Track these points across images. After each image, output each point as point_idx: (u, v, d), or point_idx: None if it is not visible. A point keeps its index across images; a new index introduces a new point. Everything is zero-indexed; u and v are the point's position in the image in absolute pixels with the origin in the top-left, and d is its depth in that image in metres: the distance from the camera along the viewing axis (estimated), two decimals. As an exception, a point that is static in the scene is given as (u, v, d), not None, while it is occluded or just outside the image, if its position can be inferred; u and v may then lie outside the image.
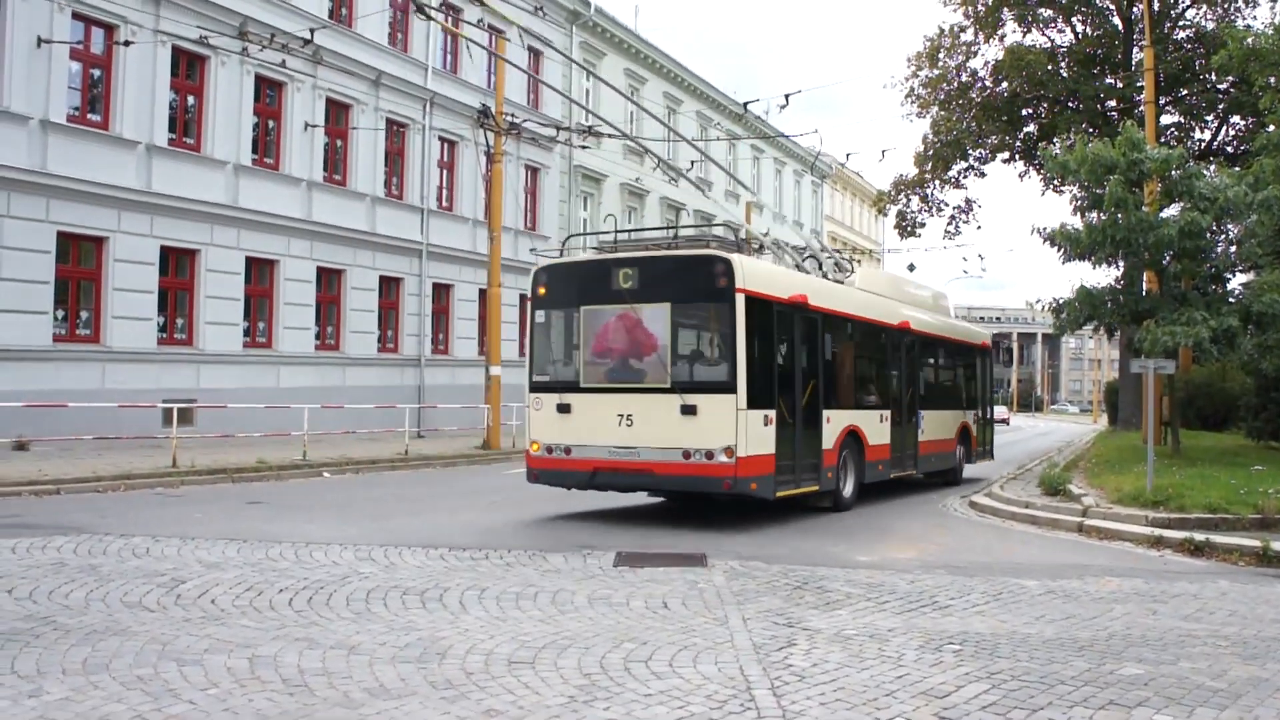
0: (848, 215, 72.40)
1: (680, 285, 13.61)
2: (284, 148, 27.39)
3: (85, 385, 21.75)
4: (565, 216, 38.74)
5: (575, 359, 14.22)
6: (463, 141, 33.05)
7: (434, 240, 32.02)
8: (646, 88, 43.87)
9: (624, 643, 6.96)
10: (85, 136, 22.52)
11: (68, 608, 7.59)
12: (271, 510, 14.27)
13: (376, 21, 29.65)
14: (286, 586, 8.51)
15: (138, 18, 23.11)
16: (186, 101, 25.22)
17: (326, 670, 6.15)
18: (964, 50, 37.75)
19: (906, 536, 13.20)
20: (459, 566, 9.70)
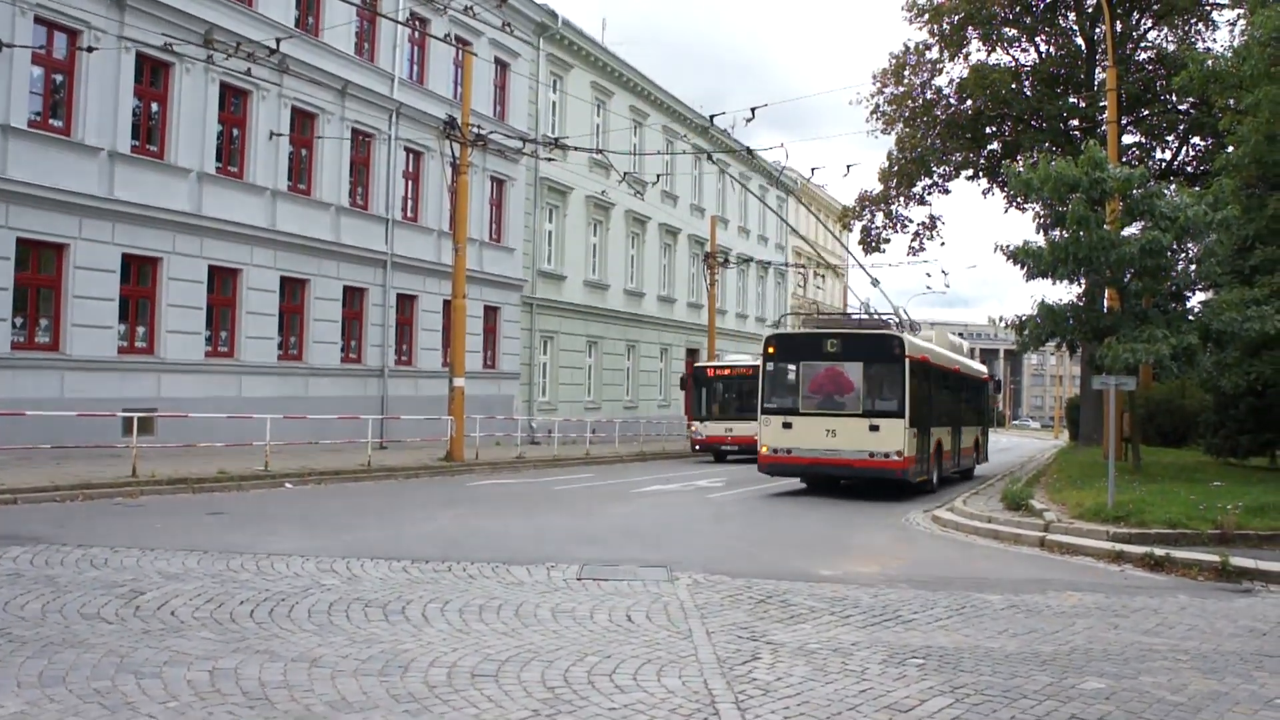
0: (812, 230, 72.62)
1: (870, 351, 21.52)
2: (248, 156, 27.21)
3: (44, 394, 21.52)
4: (530, 229, 38.68)
5: (796, 394, 21.94)
6: (428, 152, 32.96)
7: (399, 251, 31.91)
8: (613, 101, 43.93)
9: (588, 656, 6.97)
10: (46, 142, 22.28)
11: (23, 619, 7.52)
12: (233, 521, 14.16)
13: (343, 31, 29.53)
14: (248, 598, 8.46)
15: (101, 23, 22.93)
16: (150, 108, 25.02)
17: (288, 683, 6.12)
18: (929, 68, 38.04)
19: (869, 551, 13.26)
20: (422, 579, 9.67)
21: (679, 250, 50.60)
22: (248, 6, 26.79)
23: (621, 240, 45.29)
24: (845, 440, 20.88)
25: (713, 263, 44.24)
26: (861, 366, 21.36)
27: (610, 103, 43.73)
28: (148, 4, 23.85)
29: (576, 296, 41.46)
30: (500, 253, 36.85)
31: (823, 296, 73.68)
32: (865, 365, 21.37)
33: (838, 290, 75.09)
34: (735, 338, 56.03)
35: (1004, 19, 36.59)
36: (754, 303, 60.26)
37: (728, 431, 33.11)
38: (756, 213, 60.04)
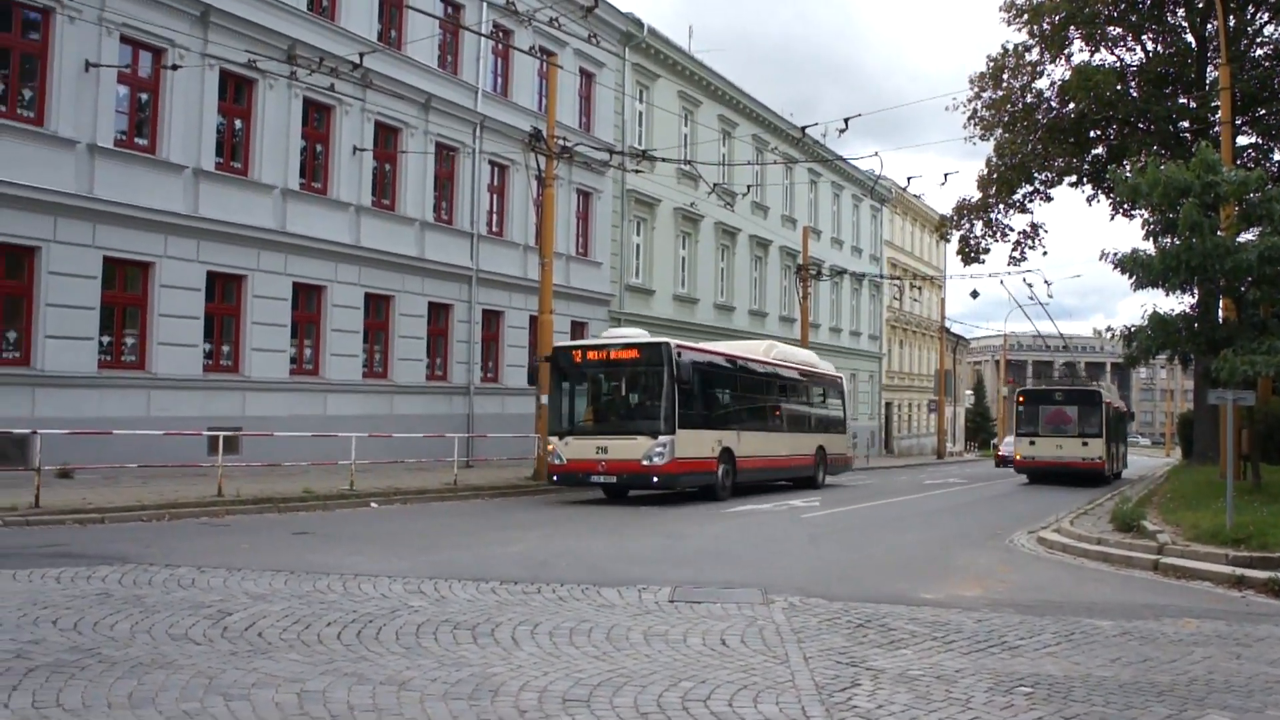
0: (908, 241, 71.85)
1: (1087, 401, 35.25)
2: (332, 172, 27.19)
3: (130, 412, 21.54)
4: (618, 242, 38.44)
5: (1036, 424, 35.40)
6: (513, 165, 32.82)
7: (484, 266, 31.74)
8: (701, 110, 43.57)
9: (682, 681, 6.79)
10: (132, 161, 22.36)
11: (113, 639, 7.45)
12: (318, 541, 14.01)
13: (426, 45, 29.46)
14: (335, 619, 8.32)
15: (186, 41, 22.99)
16: (234, 125, 25.06)
17: (376, 707, 6.01)
18: (1029, 70, 37.07)
19: (972, 573, 12.78)
20: (511, 600, 9.48)
21: (770, 262, 50.15)
22: (330, 22, 26.84)
23: (711, 253, 44.94)
24: (1067, 451, 34.31)
25: (805, 275, 43.69)
26: (1077, 409, 35.08)
27: (698, 112, 43.38)
28: (231, 21, 23.96)
29: (665, 310, 41.06)
30: (587, 267, 36.59)
31: (919, 309, 72.79)
32: (1079, 409, 35.06)
33: (934, 302, 74.10)
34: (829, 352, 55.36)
35: (1108, 17, 35.44)
36: (848, 316, 59.62)
37: (601, 453, 21.60)
38: (850, 223, 59.53)
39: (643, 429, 21.47)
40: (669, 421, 21.20)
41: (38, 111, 20.93)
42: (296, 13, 25.83)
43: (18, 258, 20.70)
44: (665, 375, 21.35)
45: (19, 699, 5.92)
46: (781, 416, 28.11)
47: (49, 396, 20.55)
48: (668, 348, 21.49)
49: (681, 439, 21.39)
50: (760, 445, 25.62)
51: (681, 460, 21.41)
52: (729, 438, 23.84)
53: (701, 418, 22.83)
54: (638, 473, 21.27)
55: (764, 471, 26.28)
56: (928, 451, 68.57)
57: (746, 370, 26.41)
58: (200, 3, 23.26)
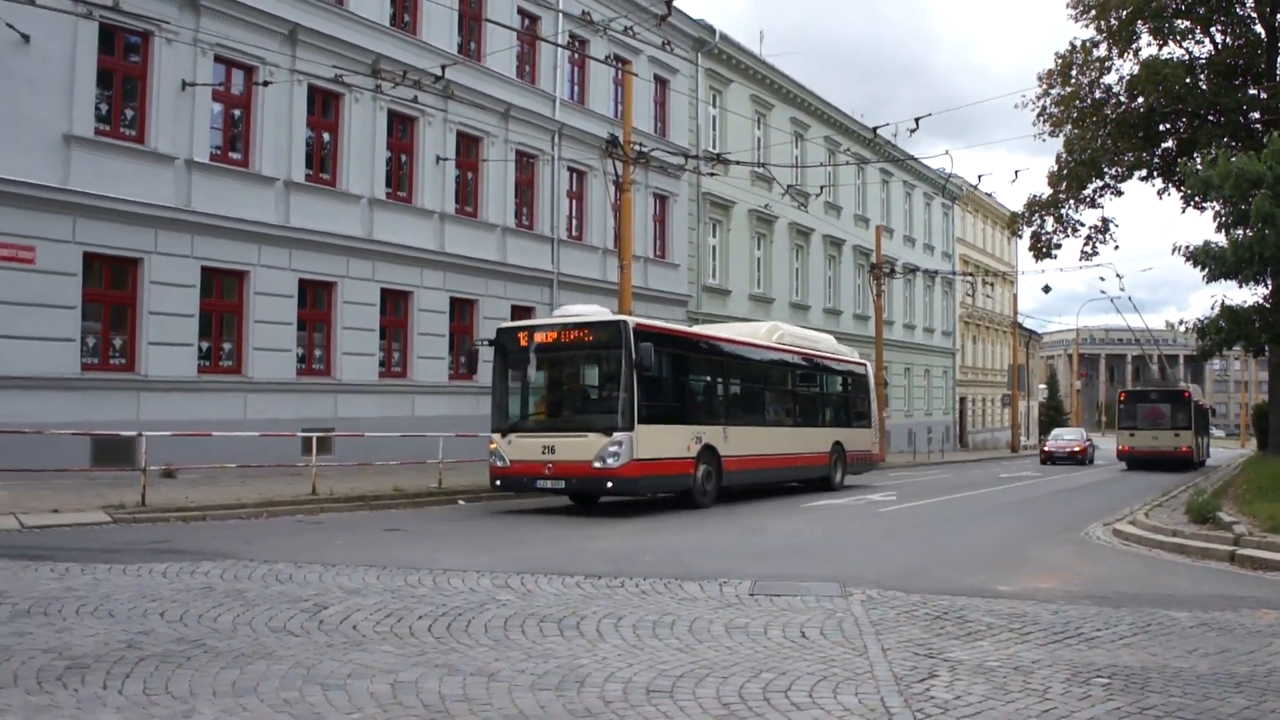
0: (980, 238, 71.35)
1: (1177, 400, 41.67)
2: (416, 181, 27.92)
3: (229, 415, 22.38)
4: (694, 244, 38.80)
5: (1135, 419, 41.95)
6: (591, 171, 33.33)
7: (564, 270, 32.31)
8: (773, 114, 43.84)
9: (762, 672, 6.83)
10: (227, 174, 23.25)
11: (216, 631, 7.74)
12: (409, 537, 14.41)
13: (505, 56, 30.07)
14: (426, 613, 8.55)
15: (275, 58, 23.81)
16: (322, 138, 25.88)
17: (467, 697, 6.15)
18: (1097, 66, 36.80)
19: (1047, 565, 12.77)
20: (595, 594, 9.64)
21: (844, 261, 50.20)
22: (413, 36, 27.55)
23: (785, 253, 45.13)
24: (1162, 442, 40.36)
25: (878, 273, 43.67)
26: (1170, 406, 41.08)
27: (770, 116, 43.63)
28: (318, 39, 24.75)
29: (741, 310, 41.35)
30: (665, 269, 37.01)
31: (992, 304, 72.24)
32: (1171, 406, 41.07)
33: (1006, 297, 73.51)
34: (903, 349, 55.33)
35: (1175, 10, 35.01)
36: (921, 313, 59.37)
37: (547, 453, 18.45)
38: (922, 221, 59.25)
39: (595, 424, 18.22)
40: (627, 415, 17.91)
41: (139, 130, 21.85)
42: (380, 28, 26.59)
43: (122, 269, 21.63)
44: (623, 360, 17.99)
45: (131, 686, 6.18)
46: (786, 408, 25.13)
47: (153, 400, 21.45)
48: (625, 326, 18.19)
49: (644, 436, 18.09)
50: (755, 442, 22.42)
51: (644, 461, 18.11)
52: (712, 434, 20.52)
53: (673, 410, 19.69)
54: (588, 476, 18.03)
55: (761, 472, 23.06)
56: (1002, 446, 67.93)
57: (737, 355, 23.10)
58: (289, 22, 24.09)
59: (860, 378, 29.53)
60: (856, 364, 29.66)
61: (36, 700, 5.90)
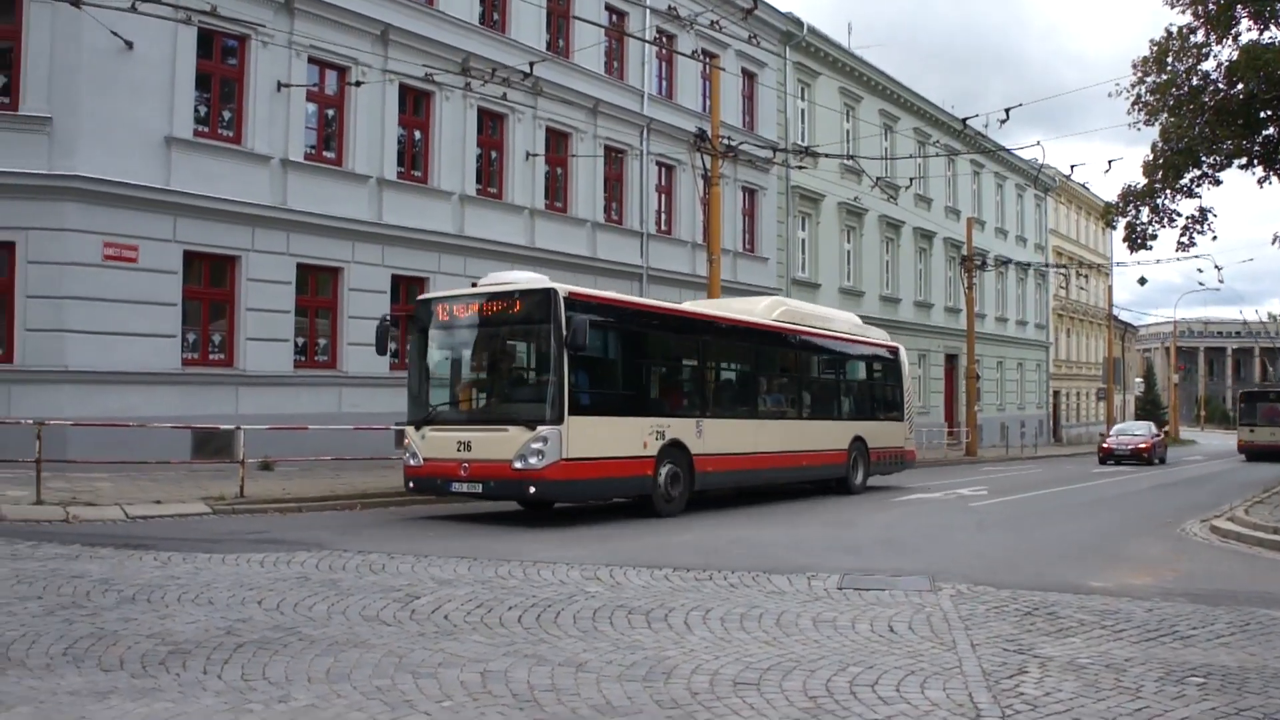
0: (1073, 229, 70.21)
1: None
2: (506, 177, 28.17)
3: (323, 408, 22.80)
4: (783, 237, 38.70)
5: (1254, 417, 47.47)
6: (680, 166, 33.37)
7: (654, 264, 32.41)
8: (862, 106, 43.54)
9: (849, 666, 6.83)
10: (321, 173, 23.68)
11: (311, 619, 7.94)
12: (499, 529, 14.65)
13: (593, 52, 30.23)
14: (516, 604, 8.66)
15: (368, 59, 24.17)
16: (414, 136, 26.23)
17: (555, 687, 6.23)
18: (1194, 53, 35.93)
19: (1142, 562, 12.60)
20: (683, 587, 9.69)
21: (934, 254, 49.72)
22: (501, 34, 27.79)
23: (875, 246, 44.82)
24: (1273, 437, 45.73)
25: (969, 266, 43.26)
26: None
27: (859, 108, 43.35)
28: (409, 38, 25.06)
29: (831, 303, 41.04)
30: (754, 262, 36.97)
31: (1086, 297, 71.08)
32: None
33: (1101, 290, 72.29)
34: (996, 342, 54.66)
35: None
36: (1014, 305, 58.54)
37: (463, 450, 15.31)
38: (1014, 213, 58.44)
39: (517, 416, 15.03)
40: (555, 405, 14.68)
41: (236, 130, 22.34)
42: (469, 27, 26.85)
43: (221, 266, 22.12)
44: (551, 337, 14.78)
45: (230, 671, 6.38)
46: (789, 398, 21.74)
47: (250, 394, 21.93)
48: (552, 296, 14.88)
49: (578, 430, 14.94)
50: (742, 437, 19.07)
51: (578, 461, 14.90)
52: (680, 427, 17.18)
53: (624, 399, 16.61)
54: (508, 479, 14.82)
55: (750, 474, 19.63)
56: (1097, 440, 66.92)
57: (718, 334, 19.52)
58: (381, 22, 24.42)
59: (890, 363, 25.85)
60: (885, 347, 25.99)
61: (141, 683, 6.11)
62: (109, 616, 7.85)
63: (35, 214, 19.51)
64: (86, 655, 6.71)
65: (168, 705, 5.72)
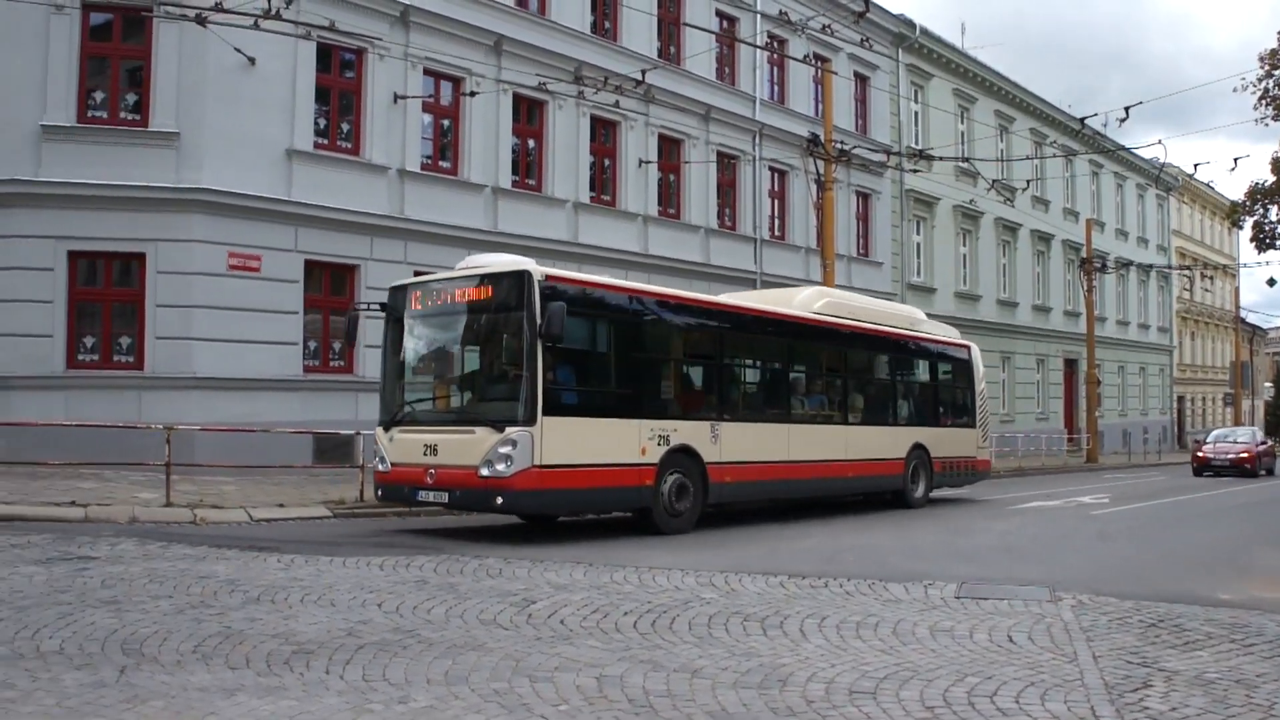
0: (1197, 229, 68.46)
1: None
2: (620, 184, 28.35)
3: (440, 416, 23.07)
4: (898, 242, 38.38)
5: None
6: (792, 170, 33.26)
7: (767, 270, 32.32)
8: (976, 107, 42.97)
9: (967, 676, 6.71)
10: (437, 183, 24.08)
11: (430, 622, 8.02)
12: (614, 536, 14.58)
13: (704, 59, 30.28)
14: (631, 609, 8.67)
15: (481, 69, 24.47)
16: (528, 145, 26.52)
17: (670, 692, 6.22)
18: (1325, 43, 34.96)
19: (1273, 572, 12.24)
20: (799, 594, 9.62)
21: (1052, 256, 48.85)
22: (613, 42, 28.00)
23: (991, 249, 44.18)
24: None
25: (1089, 268, 42.41)
26: None
27: (974, 109, 42.80)
28: (522, 48, 25.35)
29: (947, 308, 40.64)
30: (868, 267, 36.69)
31: (1211, 299, 69.30)
32: None
33: (1227, 291, 70.39)
34: (1117, 346, 53.54)
35: None
36: (1135, 308, 57.28)
37: (429, 454, 13.60)
38: (1135, 214, 57.17)
39: (483, 416, 13.30)
40: (528, 403, 12.81)
41: (354, 142, 22.82)
42: (581, 36, 27.10)
43: (341, 275, 22.61)
44: (524, 326, 12.89)
45: (351, 672, 6.47)
46: (833, 400, 19.27)
47: (370, 401, 22.08)
48: (526, 280, 13.02)
49: (556, 432, 13.02)
50: (771, 443, 16.87)
51: (554, 469, 13.01)
52: (690, 431, 15.17)
53: (616, 398, 14.38)
54: (473, 488, 13.05)
55: (778, 485, 17.31)
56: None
57: (739, 326, 17.19)
58: (494, 33, 24.75)
59: (960, 363, 23.18)
60: (953, 345, 23.27)
61: (266, 682, 6.25)
62: (236, 616, 8.05)
63: (164, 226, 20.12)
64: (215, 653, 6.89)
65: (292, 704, 5.84)
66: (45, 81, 20.04)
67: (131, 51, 20.82)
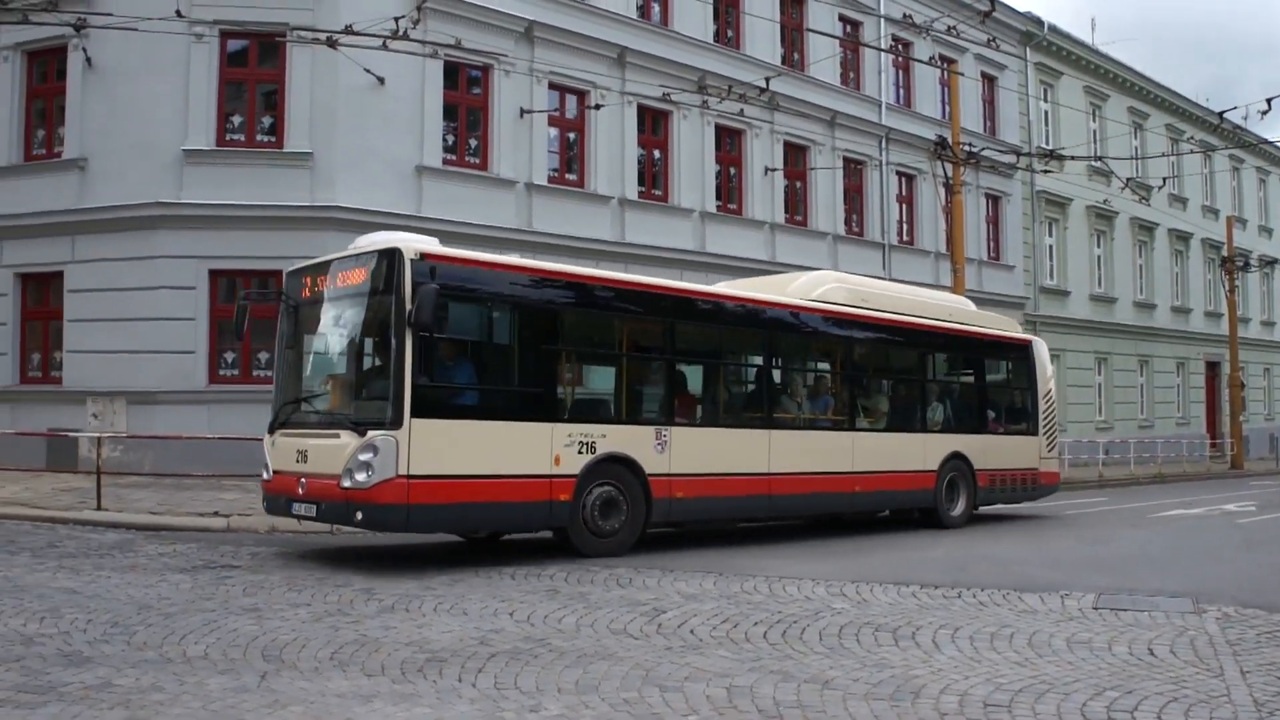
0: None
1: None
2: (746, 193, 28.34)
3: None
4: (1030, 244, 37.69)
5: None
6: (920, 174, 32.91)
7: (896, 275, 31.91)
8: (1109, 104, 41.97)
9: (1106, 690, 6.55)
10: (564, 195, 24.34)
11: (561, 631, 8.11)
12: (744, 546, 14.56)
13: (828, 64, 30.10)
14: (761, 619, 8.66)
15: (606, 82, 24.69)
16: (653, 156, 26.66)
17: (801, 703, 6.20)
18: None
19: None
20: (930, 604, 9.54)
21: (1191, 256, 47.45)
22: (736, 51, 28.02)
23: (1127, 250, 43.10)
24: None
25: (1230, 267, 41.10)
26: None
27: (1106, 106, 41.83)
28: (646, 60, 25.55)
29: (1082, 311, 39.82)
30: (999, 271, 36.10)
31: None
32: None
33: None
34: (1262, 347, 51.82)
35: None
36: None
37: (301, 462, 11.78)
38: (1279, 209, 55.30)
39: (348, 418, 11.41)
40: (394, 403, 10.84)
41: (482, 157, 23.18)
42: (704, 46, 27.16)
43: (470, 290, 22.95)
44: (393, 313, 10.94)
45: (484, 680, 6.60)
46: (832, 402, 16.40)
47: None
48: (397, 259, 11.10)
49: (430, 437, 10.98)
50: (742, 452, 14.34)
51: (427, 480, 10.93)
52: (626, 437, 12.89)
53: (520, 399, 12.12)
54: (335, 501, 11.12)
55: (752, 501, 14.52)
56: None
57: (690, 313, 14.50)
58: (617, 46, 24.98)
59: (1017, 361, 19.80)
60: (1009, 340, 19.84)
61: (400, 689, 6.40)
62: (371, 624, 8.24)
63: (299, 243, 20.52)
64: (351, 660, 7.08)
65: (426, 711, 5.97)
66: (186, 107, 20.78)
67: (266, 75, 21.46)
